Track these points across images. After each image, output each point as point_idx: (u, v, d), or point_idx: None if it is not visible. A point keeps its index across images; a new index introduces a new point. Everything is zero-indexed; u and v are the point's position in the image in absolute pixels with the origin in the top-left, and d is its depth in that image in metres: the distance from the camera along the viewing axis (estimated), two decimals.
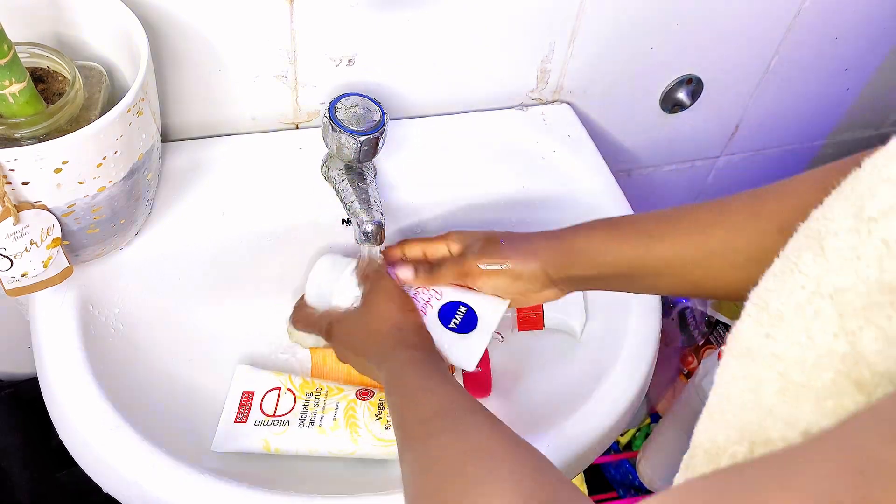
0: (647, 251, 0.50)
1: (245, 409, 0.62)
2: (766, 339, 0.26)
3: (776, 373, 0.25)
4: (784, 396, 0.25)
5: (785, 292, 0.26)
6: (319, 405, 0.61)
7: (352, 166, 0.64)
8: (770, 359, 0.26)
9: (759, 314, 0.28)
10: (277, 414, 0.61)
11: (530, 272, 0.54)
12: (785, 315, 0.26)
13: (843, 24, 0.83)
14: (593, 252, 0.53)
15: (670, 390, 0.95)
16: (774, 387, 0.25)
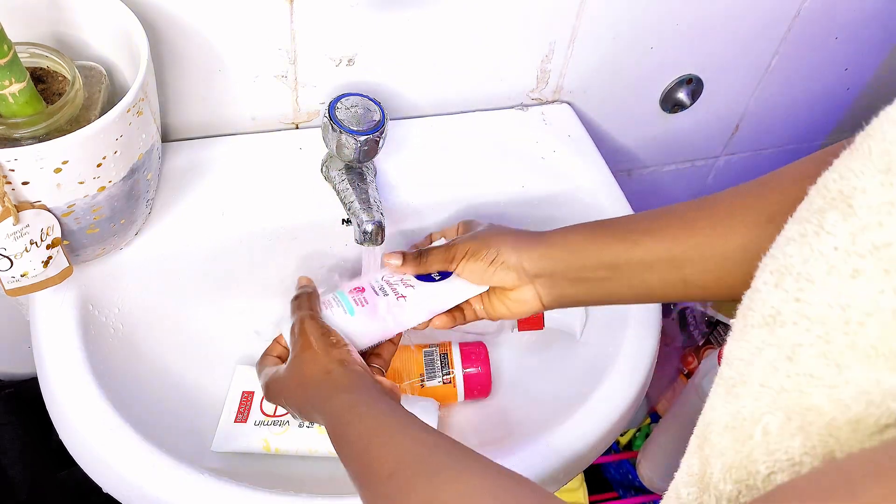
0: (633, 247, 0.50)
1: (245, 409, 0.62)
2: (797, 303, 0.26)
3: (814, 336, 0.25)
4: (826, 359, 0.24)
5: (812, 255, 0.26)
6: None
7: (352, 166, 0.64)
8: (805, 322, 0.25)
9: (780, 280, 0.27)
10: (277, 414, 0.61)
11: (503, 261, 0.54)
12: (815, 277, 0.25)
13: (843, 24, 0.83)
14: (575, 247, 0.52)
15: (670, 390, 0.95)
16: (814, 350, 0.25)
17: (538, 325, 0.68)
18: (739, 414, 0.27)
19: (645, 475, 0.89)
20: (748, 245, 0.45)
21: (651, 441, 0.87)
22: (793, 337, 0.25)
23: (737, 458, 0.27)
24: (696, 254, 0.47)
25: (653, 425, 0.95)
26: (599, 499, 0.95)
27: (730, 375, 0.29)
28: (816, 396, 0.24)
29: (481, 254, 0.55)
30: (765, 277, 0.28)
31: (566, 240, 0.53)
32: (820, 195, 0.27)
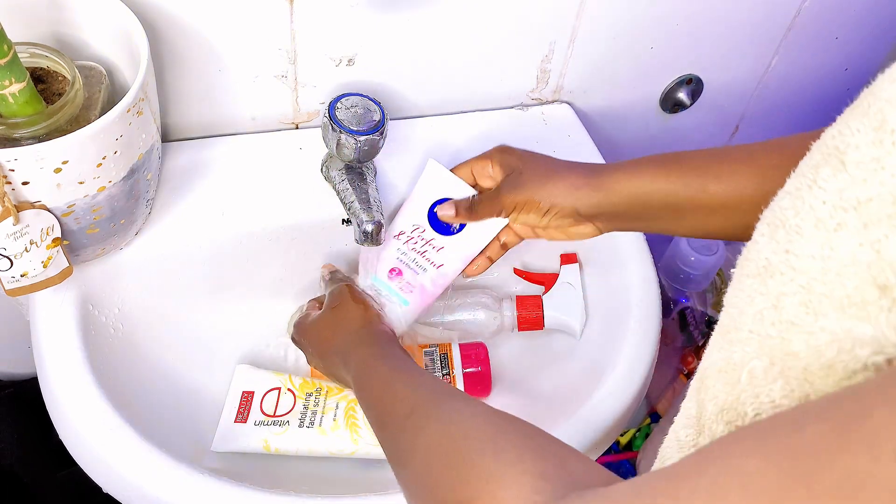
0: (700, 193, 0.49)
1: (245, 409, 0.62)
2: (786, 254, 0.26)
3: (797, 286, 0.26)
4: (807, 308, 0.25)
5: (804, 208, 0.26)
6: (319, 405, 0.61)
7: (352, 166, 0.64)
8: (790, 272, 0.26)
9: (774, 232, 0.28)
10: (277, 414, 0.61)
11: (559, 209, 0.54)
12: (804, 230, 0.26)
13: (843, 24, 0.83)
14: (638, 193, 0.52)
15: (670, 390, 0.95)
16: (796, 299, 0.26)
17: (538, 325, 0.68)
18: (731, 359, 0.29)
19: None
20: None
21: (651, 441, 0.87)
22: (779, 286, 0.26)
23: (727, 399, 0.29)
24: (764, 200, 0.47)
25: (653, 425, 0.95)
26: None
27: (725, 322, 0.30)
28: (795, 343, 0.25)
29: (533, 206, 0.55)
30: (762, 229, 0.29)
31: (629, 184, 0.52)
32: (819, 150, 0.27)
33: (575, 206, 0.53)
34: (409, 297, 0.61)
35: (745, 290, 0.29)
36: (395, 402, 0.45)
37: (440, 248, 0.61)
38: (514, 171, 0.57)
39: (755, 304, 0.28)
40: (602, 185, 0.53)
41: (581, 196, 0.53)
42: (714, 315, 0.91)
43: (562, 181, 0.54)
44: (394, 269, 0.62)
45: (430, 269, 0.61)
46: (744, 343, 0.28)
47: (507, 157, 0.58)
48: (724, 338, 0.30)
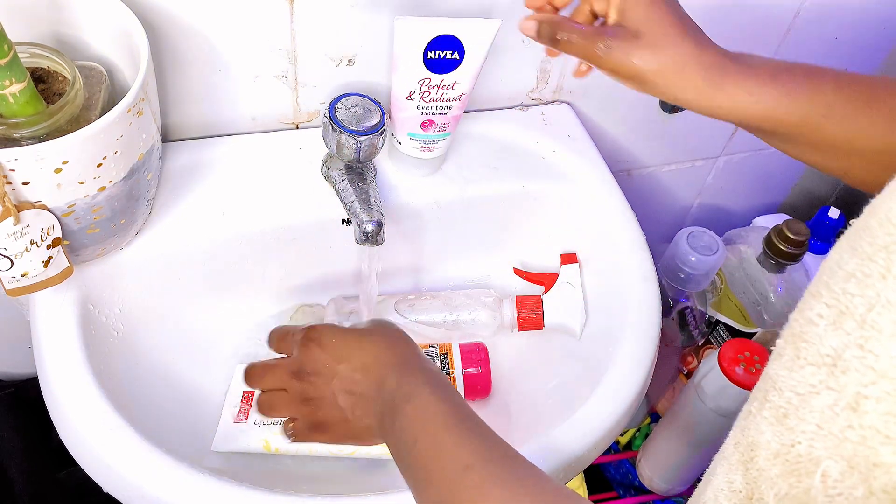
0: (819, 127, 0.45)
1: (245, 408, 0.62)
2: (861, 350, 0.24)
3: (882, 391, 0.24)
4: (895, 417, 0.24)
5: (878, 301, 0.24)
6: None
7: (352, 166, 0.64)
8: (870, 373, 0.24)
9: (839, 319, 0.25)
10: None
11: (672, 92, 0.47)
12: (882, 327, 0.24)
13: (843, 24, 0.83)
14: (760, 105, 0.46)
15: (670, 390, 0.95)
16: (882, 407, 0.24)
17: (538, 325, 0.68)
18: (794, 449, 0.27)
19: (645, 475, 0.89)
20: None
21: (651, 441, 0.87)
22: (857, 387, 0.25)
23: (792, 491, 0.27)
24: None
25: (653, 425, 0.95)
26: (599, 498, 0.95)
27: (780, 404, 0.28)
28: (885, 455, 0.24)
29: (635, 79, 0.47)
30: (819, 309, 0.27)
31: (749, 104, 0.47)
32: (883, 229, 0.25)
33: (681, 100, 0.47)
34: (448, 130, 0.66)
35: (807, 378, 0.26)
36: (451, 450, 0.41)
37: (453, 83, 0.62)
38: (634, 23, 0.48)
39: (822, 398, 0.26)
40: (716, 96, 0.47)
41: (689, 97, 0.47)
42: (714, 315, 0.91)
43: (680, 72, 0.47)
44: (425, 123, 0.65)
45: (454, 103, 0.64)
46: (811, 437, 0.26)
47: (631, 5, 0.48)
48: (781, 422, 0.28)
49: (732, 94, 0.46)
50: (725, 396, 0.70)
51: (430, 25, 0.59)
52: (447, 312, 0.69)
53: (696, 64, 0.47)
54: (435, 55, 0.60)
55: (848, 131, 0.44)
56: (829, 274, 0.27)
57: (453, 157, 0.72)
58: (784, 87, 0.46)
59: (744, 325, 0.88)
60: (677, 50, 0.47)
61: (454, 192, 0.70)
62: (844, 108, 0.44)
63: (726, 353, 0.70)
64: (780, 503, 0.27)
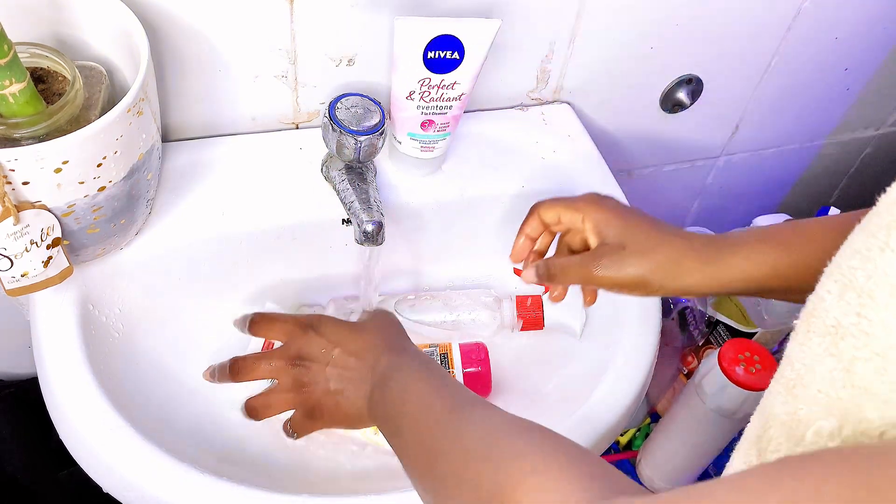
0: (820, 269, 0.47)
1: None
2: (858, 317, 0.26)
3: (871, 352, 0.25)
4: (883, 376, 0.25)
5: (876, 272, 0.26)
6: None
7: (352, 166, 0.64)
8: (864, 338, 0.26)
9: (843, 292, 0.27)
10: None
11: (665, 291, 0.50)
12: (877, 295, 0.26)
13: (843, 24, 0.83)
14: (756, 278, 0.48)
15: (670, 390, 0.95)
16: (871, 366, 0.25)
17: (538, 325, 0.68)
18: (796, 415, 0.28)
19: (645, 475, 0.88)
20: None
21: (651, 441, 0.87)
22: (852, 350, 0.26)
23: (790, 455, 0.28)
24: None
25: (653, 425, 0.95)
26: None
27: (790, 376, 0.30)
28: (869, 410, 0.25)
29: (638, 286, 0.49)
30: (829, 286, 0.29)
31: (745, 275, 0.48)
32: (889, 210, 0.27)
33: (683, 287, 0.49)
34: (448, 130, 0.66)
35: (813, 348, 0.28)
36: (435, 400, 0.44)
37: (453, 83, 0.62)
38: (615, 239, 0.51)
39: (825, 364, 0.27)
40: (716, 275, 0.48)
41: (692, 281, 0.49)
42: (714, 315, 0.91)
43: (672, 265, 0.49)
44: (425, 123, 0.64)
45: (454, 103, 0.64)
46: (811, 402, 0.28)
47: (603, 221, 0.51)
48: (790, 392, 0.29)
49: (735, 264, 0.48)
50: (725, 396, 0.70)
51: (430, 25, 0.59)
52: (447, 312, 0.69)
53: (689, 250, 0.49)
54: (435, 55, 0.60)
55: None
56: (840, 253, 0.29)
57: (453, 157, 0.72)
58: (779, 243, 0.48)
59: (744, 325, 0.88)
60: (665, 246, 0.49)
61: (454, 192, 0.70)
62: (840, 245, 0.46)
63: (726, 353, 0.70)
64: None
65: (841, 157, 1.06)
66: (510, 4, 0.67)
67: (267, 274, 0.68)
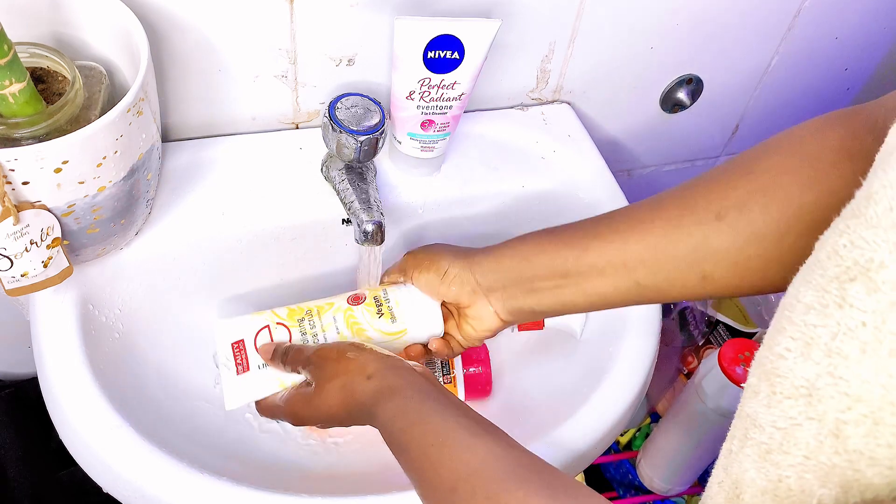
0: (583, 252, 0.49)
1: (241, 358, 0.57)
2: (832, 377, 0.25)
3: (858, 414, 0.25)
4: (877, 440, 0.24)
5: (840, 330, 0.25)
6: (316, 326, 0.57)
7: (352, 166, 0.64)
8: (845, 399, 0.25)
9: (806, 350, 0.27)
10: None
11: (457, 273, 0.54)
12: (848, 353, 0.25)
13: (843, 24, 0.83)
14: (524, 256, 0.51)
15: (670, 390, 0.95)
16: (861, 430, 0.25)
17: (538, 325, 0.68)
18: (783, 483, 0.27)
19: (645, 475, 0.89)
20: (699, 245, 0.45)
21: (651, 441, 0.87)
22: (836, 413, 0.25)
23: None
24: (648, 255, 0.47)
25: (653, 425, 0.95)
26: None
27: (763, 441, 0.29)
28: (870, 474, 0.25)
29: (433, 267, 0.55)
30: (786, 343, 0.28)
31: (515, 250, 0.53)
32: (832, 261, 0.26)
33: (472, 272, 0.53)
34: (448, 129, 0.66)
35: (786, 411, 0.27)
36: (434, 472, 0.42)
37: (453, 83, 0.62)
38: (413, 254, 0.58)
39: (805, 430, 0.26)
40: (492, 253, 0.53)
41: (475, 263, 0.53)
42: (714, 315, 0.91)
43: (460, 251, 0.55)
44: (425, 123, 0.64)
45: (454, 103, 0.64)
46: (799, 468, 0.27)
47: (408, 257, 0.58)
48: (765, 458, 0.28)
49: (508, 246, 0.53)
50: (725, 396, 0.70)
51: (430, 25, 0.59)
52: None
53: (477, 251, 0.55)
54: (435, 55, 0.60)
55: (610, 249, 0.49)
56: (790, 308, 0.28)
57: (453, 157, 0.72)
58: (545, 231, 0.53)
59: (744, 325, 0.88)
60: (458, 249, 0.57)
61: (454, 191, 0.70)
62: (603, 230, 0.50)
63: (726, 353, 0.70)
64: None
65: None
66: (510, 4, 0.67)
67: (267, 274, 0.68)
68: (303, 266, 0.69)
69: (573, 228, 0.52)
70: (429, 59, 0.60)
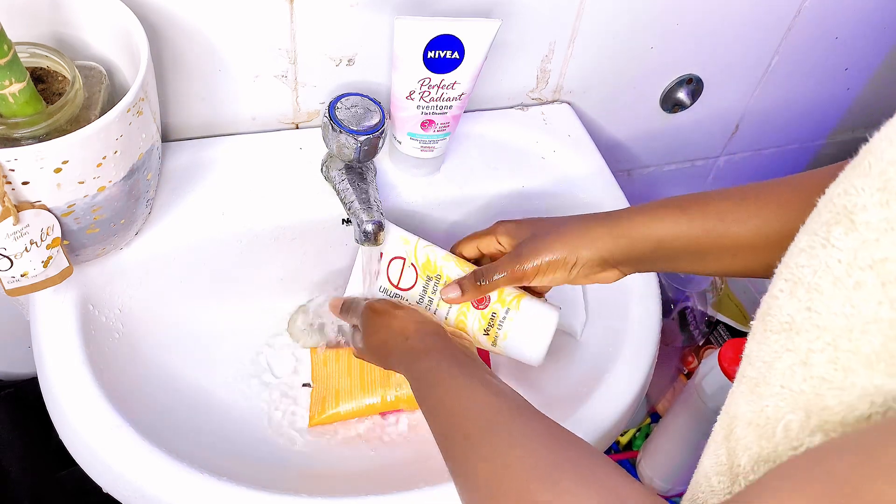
0: (724, 234, 0.49)
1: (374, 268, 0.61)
2: (808, 311, 0.28)
3: (824, 343, 0.27)
4: (835, 365, 0.26)
5: (820, 267, 0.28)
6: (437, 294, 0.58)
7: (352, 166, 0.64)
8: (815, 330, 0.27)
9: (793, 289, 0.29)
10: (401, 286, 0.60)
11: (585, 261, 0.53)
12: (823, 288, 0.27)
13: (843, 24, 0.83)
14: (660, 236, 0.51)
15: (670, 390, 0.95)
16: (824, 356, 0.27)
17: None
18: (763, 412, 0.30)
19: (645, 475, 0.89)
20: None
21: (651, 441, 0.87)
22: (807, 343, 0.28)
23: (763, 452, 0.30)
24: (786, 239, 0.47)
25: (653, 425, 0.95)
26: None
27: (752, 375, 0.31)
28: (829, 398, 0.27)
29: (559, 265, 0.53)
30: (780, 285, 0.30)
31: (649, 230, 0.51)
32: (827, 208, 0.29)
33: (600, 255, 0.52)
34: (448, 129, 0.66)
35: (771, 346, 0.30)
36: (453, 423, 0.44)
37: (453, 83, 0.62)
38: (527, 237, 0.55)
39: (784, 360, 0.29)
40: (623, 233, 0.52)
41: (604, 245, 0.52)
42: (714, 315, 0.91)
43: (581, 235, 0.53)
44: (425, 123, 0.64)
45: (454, 103, 0.64)
46: (776, 397, 0.29)
47: (513, 227, 0.56)
48: (753, 391, 0.30)
49: (638, 220, 0.52)
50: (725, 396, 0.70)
51: (430, 25, 0.59)
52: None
53: (594, 220, 0.53)
54: (435, 55, 0.60)
55: (750, 230, 0.48)
56: (788, 254, 0.30)
57: (453, 157, 0.72)
58: (677, 207, 0.51)
59: (744, 325, 0.88)
60: (571, 222, 0.54)
61: (454, 191, 0.70)
62: (737, 212, 0.49)
63: (726, 353, 0.70)
64: (754, 465, 0.30)
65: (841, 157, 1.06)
66: (510, 4, 0.67)
67: (267, 274, 0.68)
68: (303, 266, 0.69)
69: (710, 207, 0.51)
70: (429, 59, 0.60)
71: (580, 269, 0.53)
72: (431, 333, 0.53)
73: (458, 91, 0.63)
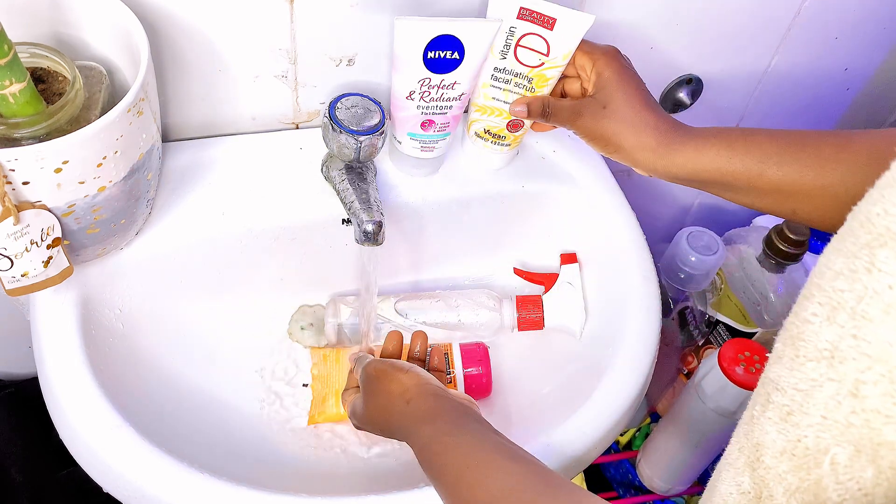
0: (760, 174, 0.52)
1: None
2: (855, 340, 0.26)
3: (878, 374, 0.25)
4: (893, 397, 0.25)
5: (866, 293, 0.26)
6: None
7: (352, 166, 0.64)
8: (865, 360, 0.26)
9: (831, 314, 0.27)
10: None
11: (624, 157, 0.57)
12: (872, 316, 0.26)
13: (843, 24, 0.83)
14: (699, 169, 0.54)
15: (670, 390, 0.95)
16: (879, 389, 0.25)
17: (538, 325, 0.68)
18: (801, 443, 0.28)
19: (645, 475, 0.89)
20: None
21: (651, 441, 0.87)
22: (855, 374, 0.26)
23: (802, 484, 0.28)
24: (821, 195, 0.50)
25: (653, 425, 0.95)
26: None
27: (784, 403, 0.29)
28: (888, 434, 0.25)
29: (602, 143, 0.58)
30: (814, 309, 0.28)
31: (692, 162, 0.54)
32: (864, 229, 0.27)
33: (639, 162, 0.56)
34: (448, 129, 0.66)
35: (807, 373, 0.28)
36: (466, 496, 0.44)
37: (453, 83, 0.63)
38: (603, 97, 0.58)
39: (825, 390, 0.27)
40: (667, 155, 0.55)
41: (646, 158, 0.56)
42: (714, 315, 0.91)
43: (637, 135, 0.56)
44: (425, 123, 0.65)
45: (454, 103, 0.64)
46: (817, 428, 0.28)
47: (608, 72, 0.58)
48: (786, 419, 0.29)
49: (683, 152, 0.55)
50: (725, 396, 0.70)
51: (430, 25, 0.59)
52: (447, 312, 0.69)
53: (652, 129, 0.56)
54: (435, 55, 0.60)
55: (786, 175, 0.51)
56: (819, 276, 0.29)
57: (453, 157, 0.72)
58: (724, 142, 0.54)
59: (744, 325, 0.88)
60: (636, 117, 0.57)
61: (454, 191, 0.70)
62: (780, 155, 0.51)
63: (726, 353, 0.70)
64: (790, 498, 0.29)
65: None
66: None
67: (267, 274, 0.68)
68: (303, 266, 0.69)
69: (755, 145, 0.53)
70: (429, 59, 0.60)
71: (621, 154, 0.58)
72: (434, 394, 0.52)
73: (458, 91, 0.63)
